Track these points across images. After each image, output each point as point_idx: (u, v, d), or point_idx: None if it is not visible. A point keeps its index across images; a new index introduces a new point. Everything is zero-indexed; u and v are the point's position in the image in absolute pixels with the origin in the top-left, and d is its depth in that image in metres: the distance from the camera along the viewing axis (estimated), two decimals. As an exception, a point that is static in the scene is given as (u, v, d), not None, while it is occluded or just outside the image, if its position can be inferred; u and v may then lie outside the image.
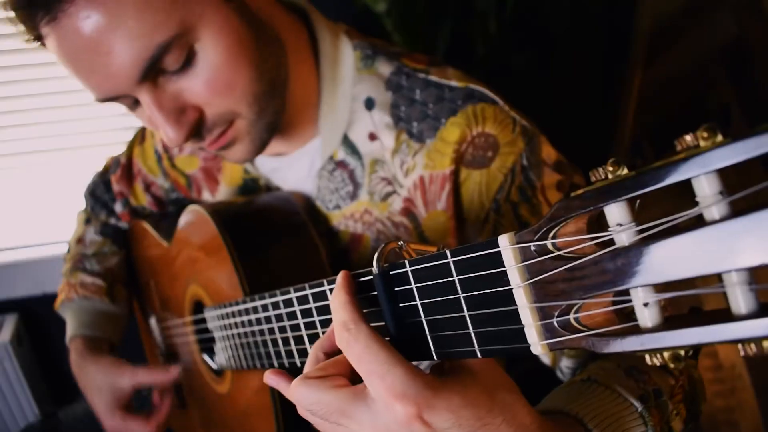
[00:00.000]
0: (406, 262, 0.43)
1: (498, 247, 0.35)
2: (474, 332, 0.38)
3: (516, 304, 0.35)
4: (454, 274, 0.38)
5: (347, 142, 0.75)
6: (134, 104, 0.65)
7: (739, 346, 0.27)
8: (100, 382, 0.89)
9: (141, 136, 1.04)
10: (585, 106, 1.46)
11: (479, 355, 0.38)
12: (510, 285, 0.35)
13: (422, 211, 0.73)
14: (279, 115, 0.71)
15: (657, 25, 1.23)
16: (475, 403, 0.39)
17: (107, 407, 0.89)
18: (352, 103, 0.74)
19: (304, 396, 0.43)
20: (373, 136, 0.74)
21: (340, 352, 0.44)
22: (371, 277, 0.46)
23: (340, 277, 0.46)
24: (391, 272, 0.44)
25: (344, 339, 0.42)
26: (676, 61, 1.17)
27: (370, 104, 0.73)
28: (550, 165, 0.70)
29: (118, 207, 1.08)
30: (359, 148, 0.74)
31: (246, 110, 0.66)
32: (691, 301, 0.32)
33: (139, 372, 0.88)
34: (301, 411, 0.46)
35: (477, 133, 0.69)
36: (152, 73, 0.60)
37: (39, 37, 0.59)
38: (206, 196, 0.95)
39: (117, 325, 1.02)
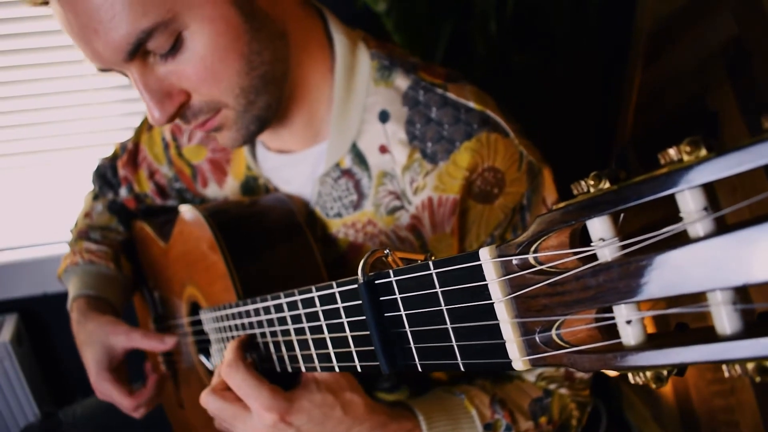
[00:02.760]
0: (391, 272, 0.42)
1: (479, 260, 0.34)
2: (457, 345, 0.37)
3: (497, 319, 0.34)
4: (437, 285, 0.38)
5: (355, 151, 0.74)
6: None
7: (724, 366, 0.26)
8: (95, 338, 0.86)
9: (149, 123, 1.03)
10: (585, 106, 1.45)
11: (462, 369, 0.37)
12: (491, 299, 0.34)
13: (429, 231, 0.73)
14: (271, 109, 0.70)
15: (657, 25, 1.22)
16: (320, 403, 0.58)
17: (97, 366, 0.85)
18: (364, 113, 0.73)
19: (210, 404, 0.61)
20: (384, 149, 0.73)
21: None
22: (356, 286, 0.45)
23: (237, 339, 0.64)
24: (376, 282, 0.43)
25: (225, 372, 0.59)
26: (676, 61, 1.16)
27: (384, 117, 0.73)
28: (547, 206, 0.72)
29: (123, 192, 1.08)
30: (368, 159, 0.74)
31: (233, 102, 0.66)
32: (693, 316, 0.31)
33: (135, 334, 0.84)
34: (210, 411, 0.63)
35: (487, 167, 0.69)
36: (139, 54, 0.60)
37: (45, 2, 0.61)
38: (213, 187, 0.94)
39: (121, 292, 0.99)
